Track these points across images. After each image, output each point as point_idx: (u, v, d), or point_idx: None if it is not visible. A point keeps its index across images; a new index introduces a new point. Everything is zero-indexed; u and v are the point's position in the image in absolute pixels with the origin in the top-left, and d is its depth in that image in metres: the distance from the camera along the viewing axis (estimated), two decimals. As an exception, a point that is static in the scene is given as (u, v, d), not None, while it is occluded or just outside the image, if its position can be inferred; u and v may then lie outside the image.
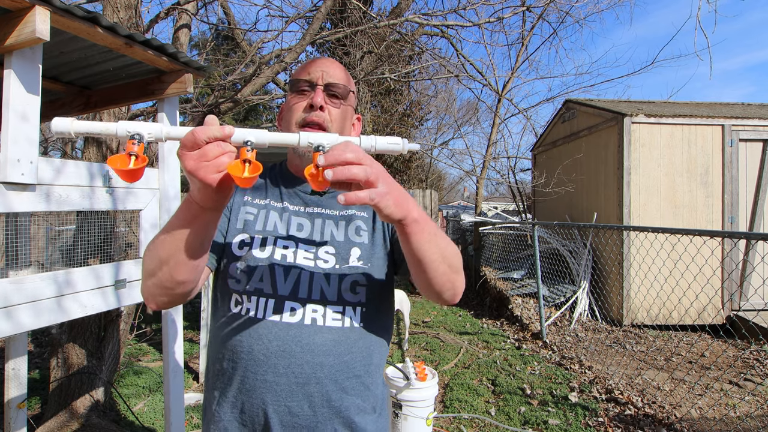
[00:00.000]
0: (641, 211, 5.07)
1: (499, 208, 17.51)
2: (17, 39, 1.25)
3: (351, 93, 0.97)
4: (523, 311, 5.44)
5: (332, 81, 0.93)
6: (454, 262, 0.82)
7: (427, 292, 0.85)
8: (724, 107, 6.08)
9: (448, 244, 0.81)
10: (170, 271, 0.74)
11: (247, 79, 3.98)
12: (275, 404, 0.84)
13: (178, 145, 0.64)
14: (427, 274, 0.80)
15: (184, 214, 0.71)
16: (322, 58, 0.98)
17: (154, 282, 0.77)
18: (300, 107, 0.92)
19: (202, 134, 0.60)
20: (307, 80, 0.92)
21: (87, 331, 2.56)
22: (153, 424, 2.87)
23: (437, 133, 15.25)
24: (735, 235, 2.63)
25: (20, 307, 1.32)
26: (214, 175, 0.62)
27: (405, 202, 0.70)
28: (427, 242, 0.75)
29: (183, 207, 0.71)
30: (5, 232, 1.40)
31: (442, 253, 0.79)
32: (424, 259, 0.77)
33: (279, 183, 0.99)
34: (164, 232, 0.74)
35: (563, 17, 8.09)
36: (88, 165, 1.56)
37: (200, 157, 0.61)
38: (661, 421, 2.85)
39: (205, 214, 0.69)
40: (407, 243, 0.75)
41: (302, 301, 0.87)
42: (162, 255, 0.74)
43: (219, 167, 0.62)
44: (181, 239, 0.72)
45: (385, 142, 0.71)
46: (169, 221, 0.74)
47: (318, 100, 0.90)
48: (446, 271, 0.81)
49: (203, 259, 0.77)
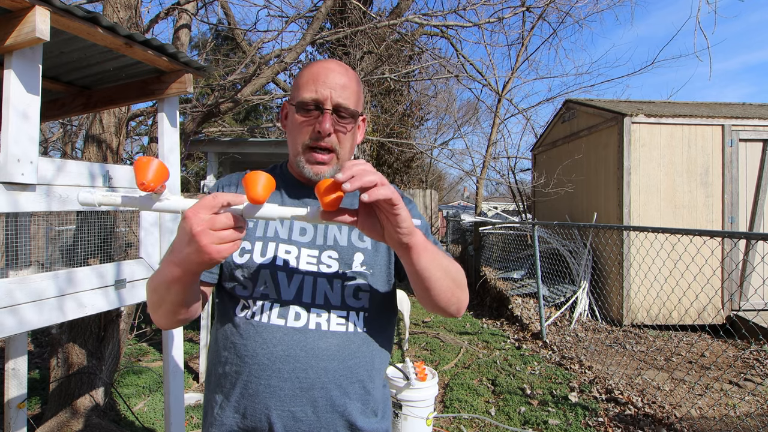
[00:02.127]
0: (641, 211, 5.07)
1: (499, 208, 17.51)
2: (17, 39, 1.25)
3: (359, 107, 0.94)
4: (523, 311, 5.44)
5: (341, 103, 0.88)
6: (457, 277, 0.84)
7: (431, 306, 0.87)
8: (724, 107, 6.08)
9: (450, 261, 0.84)
10: (167, 310, 0.80)
11: (247, 79, 3.98)
12: (279, 409, 0.83)
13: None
14: (432, 290, 0.81)
15: (165, 275, 0.74)
16: (329, 66, 0.90)
17: (158, 316, 0.83)
18: (307, 131, 0.89)
19: (222, 197, 0.65)
20: (314, 101, 0.87)
21: (87, 331, 2.56)
22: (153, 424, 2.87)
23: (437, 133, 15.27)
24: (735, 235, 2.63)
25: (24, 305, 1.33)
26: (215, 246, 0.65)
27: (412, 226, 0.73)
28: (430, 260, 0.78)
29: (164, 267, 0.74)
30: (5, 232, 1.40)
31: (444, 269, 0.81)
32: (428, 275, 0.79)
33: (280, 186, 0.97)
34: (152, 283, 0.79)
35: (563, 17, 8.09)
36: (88, 165, 1.56)
37: (209, 224, 0.64)
38: (661, 421, 2.85)
39: (185, 277, 0.72)
40: (412, 264, 0.77)
41: (306, 305, 0.86)
42: (155, 300, 0.80)
43: (222, 239, 0.65)
44: (167, 293, 0.76)
45: None
46: (156, 272, 0.78)
47: (326, 128, 0.86)
48: (450, 286, 0.82)
49: (196, 297, 0.82)
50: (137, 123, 4.88)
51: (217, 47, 8.31)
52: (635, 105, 6.09)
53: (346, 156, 0.93)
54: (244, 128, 7.74)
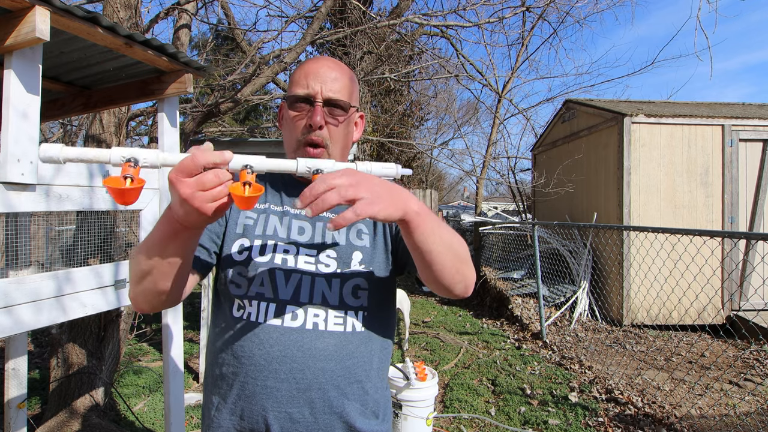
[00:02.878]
0: (641, 211, 5.07)
1: (499, 208, 17.51)
2: (17, 39, 1.25)
3: (353, 101, 0.94)
4: (523, 311, 5.44)
5: (332, 96, 0.88)
6: (460, 251, 0.79)
7: (437, 286, 0.81)
8: (724, 107, 6.08)
9: (452, 234, 0.79)
10: (154, 281, 0.74)
11: (247, 79, 3.98)
12: (276, 411, 0.82)
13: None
14: (434, 267, 0.76)
15: (164, 230, 0.69)
16: (321, 62, 0.92)
17: (139, 290, 0.77)
18: (300, 126, 0.89)
19: (203, 158, 0.59)
20: (305, 95, 0.88)
21: (87, 331, 2.56)
22: (153, 424, 2.87)
23: (437, 133, 15.28)
24: (735, 235, 2.63)
25: (22, 306, 1.33)
26: (209, 205, 0.61)
27: (399, 199, 0.68)
28: (431, 233, 0.73)
29: (162, 223, 0.69)
30: (5, 232, 1.40)
31: (447, 242, 0.76)
32: (431, 250, 0.74)
33: (279, 186, 0.97)
34: (145, 244, 0.73)
35: (563, 17, 8.10)
36: (88, 165, 1.56)
37: (197, 185, 0.60)
38: (661, 421, 2.85)
39: (186, 232, 0.68)
40: (411, 237, 0.73)
41: (304, 305, 0.86)
42: (144, 267, 0.74)
43: (215, 197, 0.61)
44: (161, 253, 0.71)
45: (380, 167, 0.73)
46: (149, 234, 0.73)
47: (317, 120, 0.87)
48: (454, 261, 0.78)
49: (186, 269, 0.77)
50: (137, 123, 4.88)
51: (217, 47, 8.31)
52: (635, 105, 6.09)
53: (338, 151, 0.93)
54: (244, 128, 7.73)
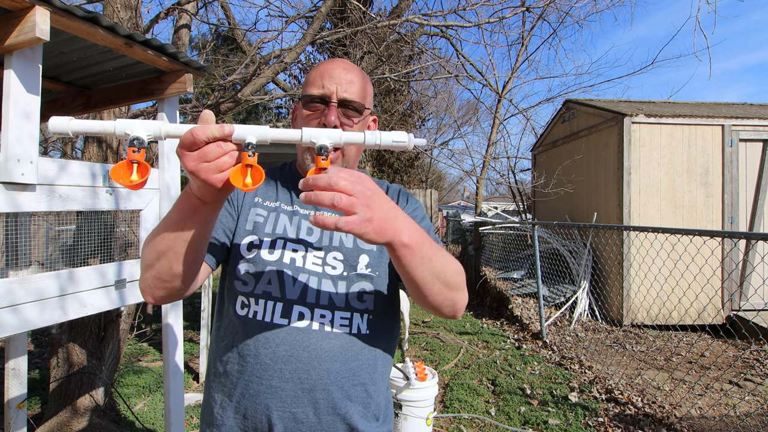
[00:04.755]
0: (641, 211, 5.07)
1: (499, 208, 17.51)
2: (17, 39, 1.25)
3: (367, 103, 0.94)
4: (523, 311, 5.44)
5: (347, 97, 0.88)
6: (451, 280, 0.79)
7: (423, 305, 0.83)
8: (724, 107, 6.08)
9: (447, 264, 0.78)
10: (169, 263, 0.73)
11: (247, 79, 3.98)
12: (280, 410, 0.83)
13: (177, 143, 0.63)
14: (419, 291, 0.78)
15: (184, 206, 0.69)
16: (337, 63, 0.92)
17: (152, 274, 0.76)
18: (313, 125, 0.89)
19: (202, 134, 0.59)
20: (320, 95, 0.88)
21: (87, 331, 2.56)
22: (153, 424, 2.87)
23: (437, 133, 15.27)
24: (735, 235, 2.63)
25: (26, 305, 1.33)
26: (216, 176, 0.61)
27: (390, 227, 0.66)
28: (419, 264, 0.73)
29: (182, 199, 0.70)
30: (6, 232, 1.40)
31: (437, 272, 0.76)
32: (414, 278, 0.75)
33: (290, 185, 0.97)
34: (163, 224, 0.73)
35: (563, 17, 8.10)
36: (89, 165, 1.56)
37: (200, 157, 0.60)
38: (661, 421, 2.85)
39: (205, 207, 0.68)
40: (396, 263, 0.73)
41: (310, 306, 0.86)
42: (161, 247, 0.73)
43: (221, 167, 0.61)
44: (180, 231, 0.71)
45: (390, 138, 0.67)
46: (168, 213, 0.73)
47: (331, 119, 0.86)
48: (441, 290, 0.78)
49: (202, 252, 0.76)
50: (137, 123, 4.86)
51: (217, 47, 8.31)
52: (635, 105, 6.09)
53: (352, 153, 0.93)
54: (244, 128, 7.70)
